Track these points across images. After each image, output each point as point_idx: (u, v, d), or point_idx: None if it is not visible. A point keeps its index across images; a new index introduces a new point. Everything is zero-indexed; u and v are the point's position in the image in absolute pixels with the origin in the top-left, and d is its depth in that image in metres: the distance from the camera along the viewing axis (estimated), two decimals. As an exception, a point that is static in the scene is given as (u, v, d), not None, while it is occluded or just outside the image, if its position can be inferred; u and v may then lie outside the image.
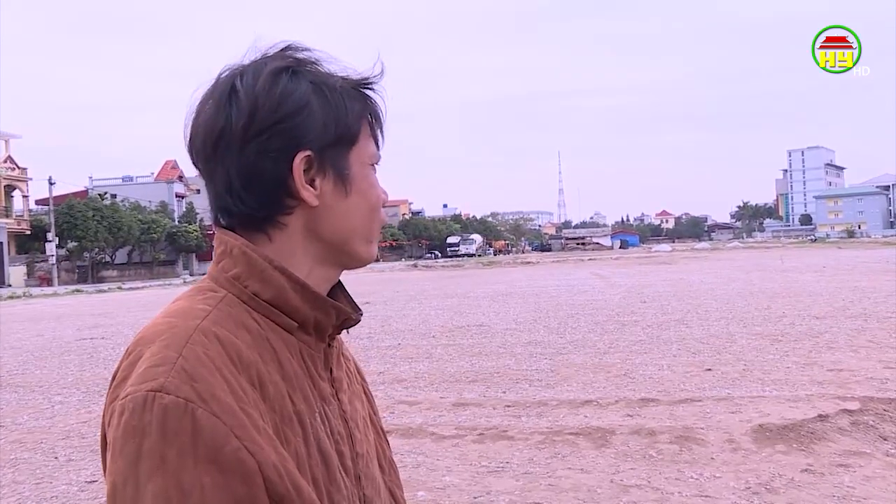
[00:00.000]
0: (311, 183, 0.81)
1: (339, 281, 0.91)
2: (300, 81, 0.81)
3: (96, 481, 5.04)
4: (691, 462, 4.84)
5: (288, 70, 0.82)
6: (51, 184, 50.36)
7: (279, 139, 0.79)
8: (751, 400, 6.42)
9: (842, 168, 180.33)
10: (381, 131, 0.90)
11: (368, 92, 0.87)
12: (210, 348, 0.72)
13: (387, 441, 1.00)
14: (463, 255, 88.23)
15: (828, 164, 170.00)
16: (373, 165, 0.87)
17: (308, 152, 0.80)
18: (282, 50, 0.84)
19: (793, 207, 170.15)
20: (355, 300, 0.93)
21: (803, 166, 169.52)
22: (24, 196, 55.40)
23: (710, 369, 7.93)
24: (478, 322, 13.69)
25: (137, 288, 39.28)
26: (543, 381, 7.79)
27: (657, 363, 8.45)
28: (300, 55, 0.84)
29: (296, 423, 0.77)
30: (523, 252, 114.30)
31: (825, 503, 4.06)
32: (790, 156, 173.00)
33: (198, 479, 0.66)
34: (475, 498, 4.39)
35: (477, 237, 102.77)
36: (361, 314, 0.89)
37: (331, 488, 0.78)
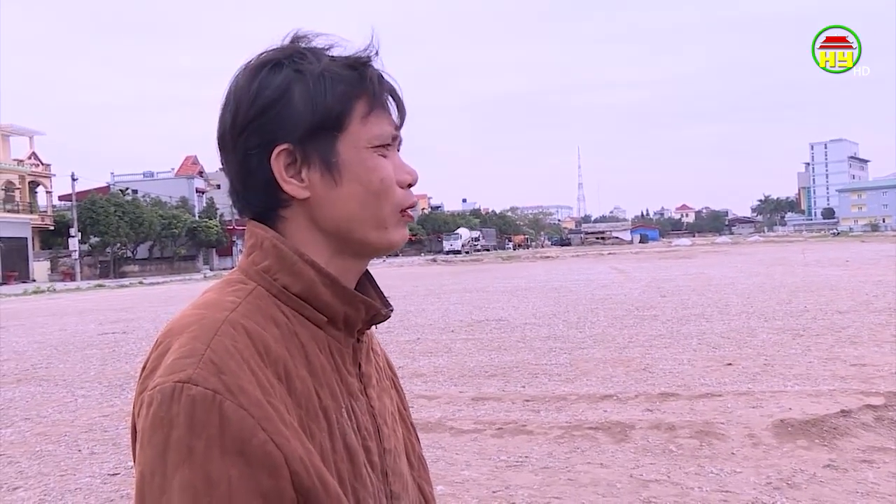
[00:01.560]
0: (299, 175, 0.80)
1: (370, 275, 0.91)
2: (279, 73, 0.80)
3: (118, 474, 5.11)
4: (711, 457, 4.80)
5: (270, 63, 0.81)
6: (73, 180, 50.93)
7: (256, 136, 0.79)
8: (772, 395, 6.36)
9: (866, 161, 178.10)
10: (394, 107, 0.85)
11: (364, 70, 0.82)
12: (238, 340, 0.72)
13: (416, 436, 1.00)
14: (448, 253, 73.14)
15: (851, 157, 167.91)
16: (381, 147, 0.82)
17: (286, 145, 0.79)
18: (291, 41, 0.83)
19: (815, 201, 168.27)
20: None
21: (826, 159, 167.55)
22: (48, 192, 56.17)
23: (730, 364, 7.86)
24: (497, 316, 13.68)
25: (158, 283, 39.65)
26: (562, 375, 7.77)
27: (677, 357, 8.40)
28: (300, 44, 0.83)
29: (321, 419, 0.77)
30: (543, 246, 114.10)
31: (849, 499, 4.01)
32: (812, 149, 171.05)
33: (225, 471, 0.66)
34: (494, 492, 4.39)
35: (463, 231, 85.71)
36: (392, 309, 0.89)
37: (356, 484, 0.78)
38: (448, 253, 74.02)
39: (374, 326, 0.90)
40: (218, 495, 0.66)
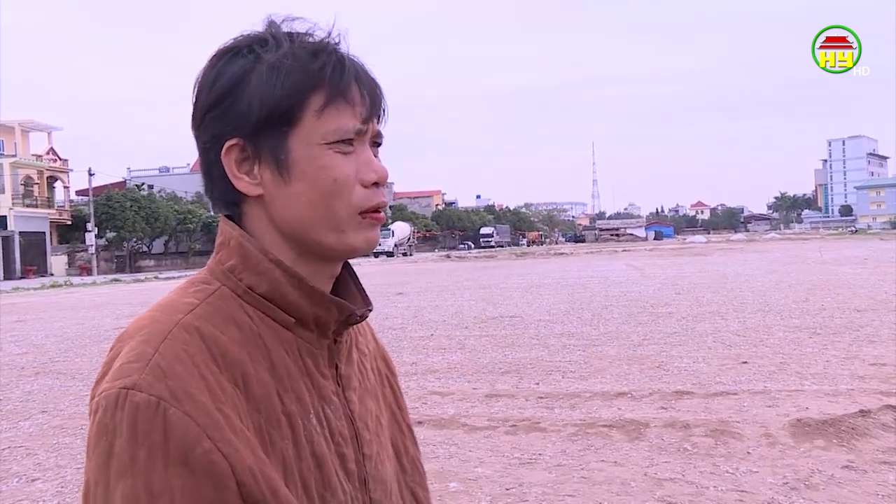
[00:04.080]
0: (252, 171, 0.76)
1: (352, 271, 0.87)
2: (237, 62, 0.75)
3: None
4: (727, 456, 4.77)
5: (231, 51, 0.77)
6: (90, 175, 51.32)
7: (209, 129, 0.77)
8: (788, 394, 6.30)
9: (885, 157, 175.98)
10: (362, 98, 0.77)
11: (325, 57, 0.76)
12: (191, 344, 0.70)
13: (412, 438, 0.95)
14: (377, 255, 55.00)
15: (870, 154, 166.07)
16: (341, 143, 0.75)
17: (235, 140, 0.75)
18: (266, 26, 0.79)
19: (832, 198, 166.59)
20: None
21: (844, 156, 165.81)
22: (66, 187, 56.66)
23: (746, 362, 7.80)
24: (511, 313, 13.65)
25: (173, 277, 39.87)
26: (577, 372, 7.74)
27: (692, 355, 8.34)
28: (266, 29, 0.78)
29: (284, 425, 0.73)
30: (557, 243, 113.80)
31: (868, 501, 3.96)
32: (830, 145, 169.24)
33: (167, 482, 0.64)
34: (507, 489, 4.37)
35: (398, 227, 66.80)
36: (370, 309, 0.84)
37: (325, 493, 0.75)
38: (377, 255, 55.60)
39: (363, 324, 0.86)
40: None
